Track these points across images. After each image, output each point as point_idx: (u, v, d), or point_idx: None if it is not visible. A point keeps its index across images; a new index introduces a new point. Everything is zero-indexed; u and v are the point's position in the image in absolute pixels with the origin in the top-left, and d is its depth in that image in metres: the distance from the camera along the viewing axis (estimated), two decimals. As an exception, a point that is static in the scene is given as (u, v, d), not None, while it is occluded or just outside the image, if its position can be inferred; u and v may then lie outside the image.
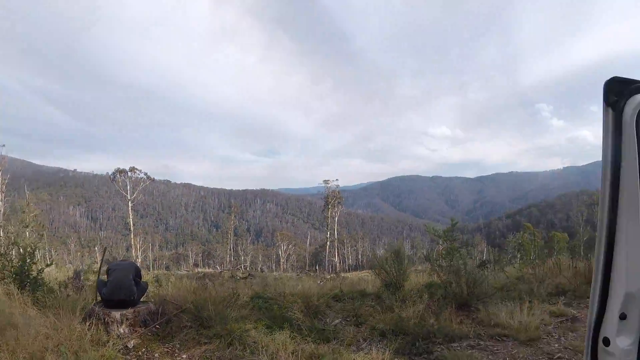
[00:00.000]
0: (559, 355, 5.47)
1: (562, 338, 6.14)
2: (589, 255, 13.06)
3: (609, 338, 1.73)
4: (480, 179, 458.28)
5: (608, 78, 1.72)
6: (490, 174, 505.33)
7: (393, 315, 6.60)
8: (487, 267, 11.26)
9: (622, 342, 1.71)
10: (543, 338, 6.13)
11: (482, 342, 5.94)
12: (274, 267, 69.08)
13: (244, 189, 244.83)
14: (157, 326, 5.93)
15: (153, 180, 60.61)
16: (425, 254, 16.09)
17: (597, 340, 1.76)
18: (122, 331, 5.65)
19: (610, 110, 1.69)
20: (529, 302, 7.32)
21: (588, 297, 6.07)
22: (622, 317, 1.70)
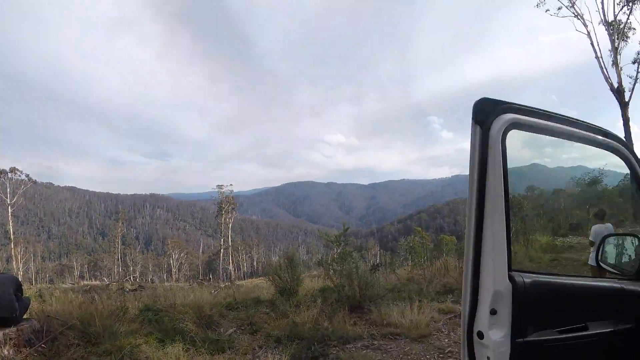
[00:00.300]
0: (449, 349, 5.90)
1: (452, 333, 6.62)
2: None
3: (482, 332, 1.92)
4: (373, 186, 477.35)
5: (477, 99, 1.94)
6: (383, 181, 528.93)
7: (288, 321, 6.67)
8: (379, 270, 11.79)
9: (494, 335, 1.91)
10: (434, 334, 6.56)
11: (375, 342, 6.20)
12: (165, 278, 66.11)
13: (133, 193, 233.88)
14: (43, 345, 5.46)
15: (35, 182, 55.00)
16: (319, 258, 16.45)
17: (472, 334, 1.96)
18: (6, 353, 5.12)
19: (478, 128, 1.90)
20: (419, 301, 7.80)
21: None
22: (493, 312, 1.90)
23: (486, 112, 1.90)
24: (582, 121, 2.27)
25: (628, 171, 2.39)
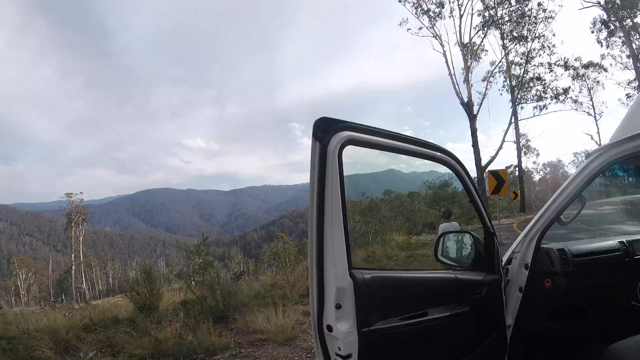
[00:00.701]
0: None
1: (317, 333, 6.97)
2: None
3: (331, 325, 2.14)
4: (235, 192, 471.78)
5: (318, 117, 2.16)
6: (244, 187, 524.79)
7: (150, 339, 6.45)
8: (243, 278, 11.90)
9: (342, 327, 2.13)
10: (300, 336, 6.83)
11: (243, 350, 6.31)
12: (14, 302, 58.66)
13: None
14: None
15: None
16: (180, 270, 16.06)
17: (322, 328, 2.16)
18: None
19: (317, 144, 2.11)
20: (284, 305, 8.05)
21: None
22: (338, 307, 2.13)
23: (324, 129, 2.13)
24: (415, 138, 2.59)
25: (474, 175, 2.81)
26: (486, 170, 17.21)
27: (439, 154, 2.68)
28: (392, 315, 2.36)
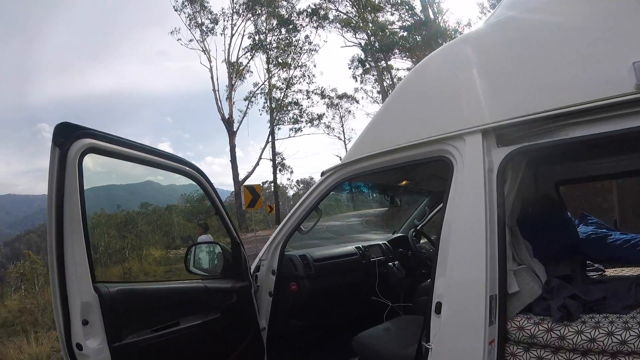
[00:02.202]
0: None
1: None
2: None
3: (80, 343, 2.05)
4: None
5: (58, 123, 2.10)
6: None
7: None
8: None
9: (92, 344, 2.07)
10: (58, 365, 6.64)
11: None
12: None
13: None
14: None
15: None
16: None
17: (72, 347, 2.06)
18: None
19: (57, 150, 2.04)
20: (35, 332, 7.77)
21: None
22: (85, 323, 2.07)
23: (65, 135, 2.07)
24: (161, 150, 2.68)
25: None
26: (242, 185, 18.43)
27: (184, 167, 2.78)
28: (143, 327, 2.40)
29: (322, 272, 3.54)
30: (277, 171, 44.31)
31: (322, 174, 3.04)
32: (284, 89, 41.95)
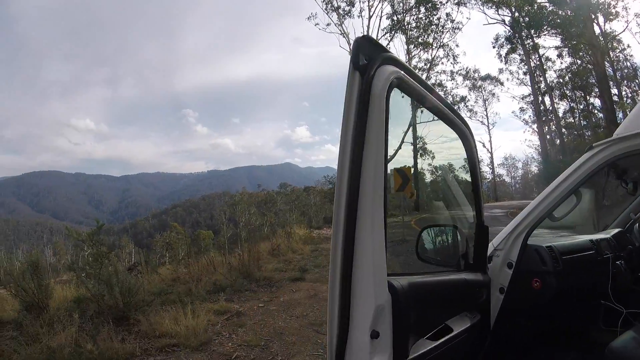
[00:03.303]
0: (236, 354, 5.55)
1: (233, 335, 6.29)
2: (235, 249, 14.13)
3: None
4: (126, 178, 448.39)
5: (359, 36, 1.49)
6: (136, 173, 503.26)
7: (42, 346, 5.36)
8: (138, 271, 10.79)
9: None
10: (214, 339, 6.11)
11: (151, 358, 5.48)
12: None
13: None
14: None
15: None
16: (69, 261, 14.44)
17: None
18: None
19: (358, 76, 1.43)
20: (191, 303, 7.26)
21: (246, 290, 6.29)
22: (375, 335, 1.44)
23: (369, 55, 1.44)
24: (443, 97, 2.15)
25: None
26: (391, 168, 17.26)
27: (461, 122, 2.30)
28: (419, 334, 1.76)
29: (569, 267, 2.89)
30: (418, 156, 43.26)
31: (589, 148, 2.56)
32: (427, 70, 40.74)
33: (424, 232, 2.77)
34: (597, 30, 34.63)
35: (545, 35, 39.34)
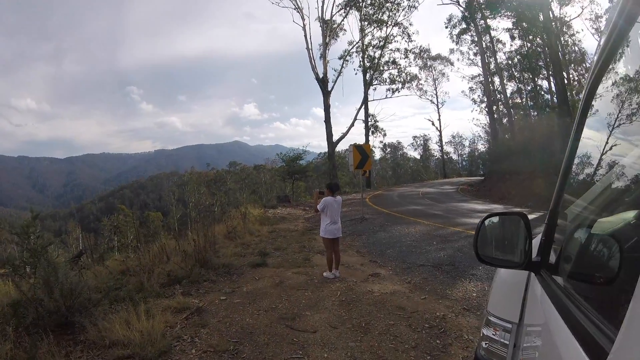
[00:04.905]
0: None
1: (196, 339, 5.49)
2: (185, 231, 13.26)
3: None
4: (70, 160, 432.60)
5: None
6: (81, 154, 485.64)
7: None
8: (83, 265, 9.76)
9: None
10: (175, 345, 5.28)
11: (102, 375, 4.66)
12: None
13: None
14: None
15: None
16: (6, 254, 13.15)
17: None
18: None
19: None
20: (144, 301, 6.47)
21: (205, 281, 5.42)
22: None
23: None
24: None
25: (322, 151, 1.68)
26: (350, 144, 16.70)
27: None
28: None
29: None
30: (370, 133, 43.06)
31: None
32: (381, 47, 40.42)
33: (482, 223, 2.08)
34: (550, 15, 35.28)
35: (500, 17, 40.05)
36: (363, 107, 41.82)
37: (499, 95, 44.21)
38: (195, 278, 8.25)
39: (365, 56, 41.79)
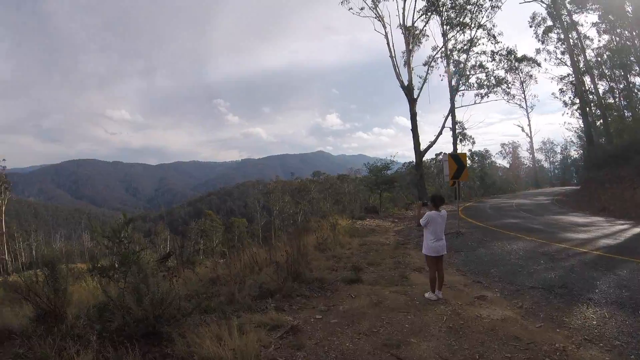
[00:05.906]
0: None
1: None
2: (269, 239, 12.70)
3: None
4: (162, 167, 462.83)
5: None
6: (172, 162, 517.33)
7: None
8: (172, 271, 9.36)
9: None
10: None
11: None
12: None
13: None
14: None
15: None
16: (95, 254, 13.32)
17: None
18: None
19: None
20: (236, 315, 5.84)
21: (298, 296, 4.22)
22: None
23: None
24: None
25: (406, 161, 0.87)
26: (443, 153, 15.52)
27: None
28: None
29: None
30: (457, 141, 41.20)
31: None
32: (466, 51, 38.96)
33: None
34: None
35: (585, 11, 37.87)
36: (450, 114, 40.11)
37: (590, 96, 41.29)
38: (288, 292, 7.57)
39: (451, 61, 40.14)
